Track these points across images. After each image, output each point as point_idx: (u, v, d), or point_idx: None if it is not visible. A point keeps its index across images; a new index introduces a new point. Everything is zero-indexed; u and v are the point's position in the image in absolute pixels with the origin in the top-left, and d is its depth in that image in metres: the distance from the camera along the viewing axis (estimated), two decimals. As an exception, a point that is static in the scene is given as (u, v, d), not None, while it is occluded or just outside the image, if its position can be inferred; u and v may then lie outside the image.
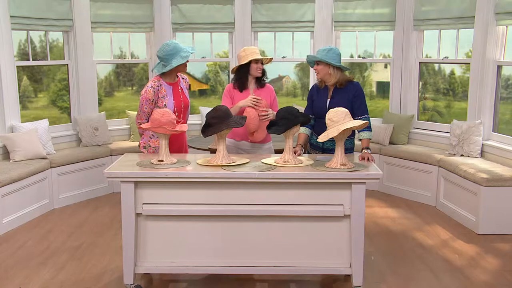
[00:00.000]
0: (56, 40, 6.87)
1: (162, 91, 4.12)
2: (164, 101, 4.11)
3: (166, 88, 4.15)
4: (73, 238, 4.97)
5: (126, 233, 3.59)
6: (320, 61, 4.03)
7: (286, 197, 3.56)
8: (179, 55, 4.06)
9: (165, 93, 4.13)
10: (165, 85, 4.16)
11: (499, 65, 5.74)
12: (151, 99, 4.10)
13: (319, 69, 4.07)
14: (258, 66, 4.28)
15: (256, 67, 4.27)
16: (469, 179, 5.22)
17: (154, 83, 4.12)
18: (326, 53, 4.01)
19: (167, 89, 4.15)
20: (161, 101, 4.12)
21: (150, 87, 4.10)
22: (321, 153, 4.17)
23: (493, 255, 4.56)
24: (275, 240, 3.65)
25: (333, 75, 4.05)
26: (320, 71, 4.07)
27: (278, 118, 3.72)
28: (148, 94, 4.09)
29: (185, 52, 4.09)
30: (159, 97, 4.11)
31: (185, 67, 4.23)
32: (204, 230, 3.65)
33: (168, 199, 3.58)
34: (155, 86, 4.11)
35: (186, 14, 7.18)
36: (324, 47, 4.09)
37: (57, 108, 7.70)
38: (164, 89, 4.13)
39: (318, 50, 4.09)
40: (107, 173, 3.53)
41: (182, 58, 4.06)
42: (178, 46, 4.07)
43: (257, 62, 4.26)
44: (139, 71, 7.98)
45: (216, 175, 3.49)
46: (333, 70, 4.03)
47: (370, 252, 4.58)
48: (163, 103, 4.11)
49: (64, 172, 5.99)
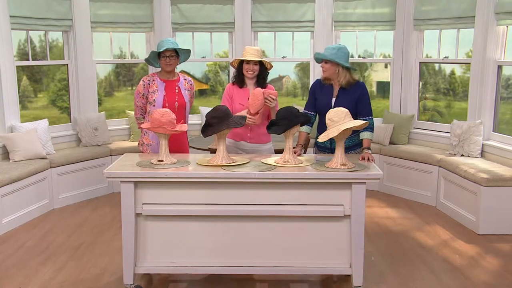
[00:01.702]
0: (56, 40, 6.87)
1: (153, 86, 4.26)
2: (154, 96, 4.25)
3: (158, 83, 4.27)
4: (72, 238, 4.97)
5: (126, 233, 3.59)
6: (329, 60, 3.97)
7: (286, 197, 3.56)
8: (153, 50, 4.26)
9: (156, 88, 4.23)
10: (158, 81, 4.28)
11: (500, 65, 5.75)
12: (141, 92, 4.28)
13: (327, 67, 4.00)
14: (249, 67, 4.18)
15: (247, 68, 4.19)
16: (469, 179, 5.23)
17: (146, 78, 4.30)
18: (336, 52, 3.94)
19: (159, 85, 4.26)
20: (151, 96, 4.27)
21: (142, 81, 4.29)
22: (331, 154, 4.11)
23: (493, 255, 4.56)
24: (275, 240, 3.65)
25: (341, 75, 4.00)
26: (328, 70, 4.00)
27: (278, 118, 3.72)
28: (139, 88, 4.29)
29: (160, 47, 4.19)
30: (149, 91, 4.26)
31: (165, 65, 4.26)
32: (204, 230, 3.65)
33: (168, 199, 3.59)
34: (146, 81, 4.28)
35: (186, 14, 7.18)
36: (333, 45, 4.01)
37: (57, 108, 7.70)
38: (156, 85, 4.26)
39: (327, 48, 4.00)
40: (107, 173, 3.54)
41: (153, 52, 4.22)
42: (161, 43, 4.21)
43: (248, 63, 4.17)
44: (139, 71, 7.98)
45: (216, 175, 3.50)
46: (341, 70, 3.99)
47: (370, 252, 4.58)
48: (153, 98, 4.26)
49: (63, 172, 5.99)
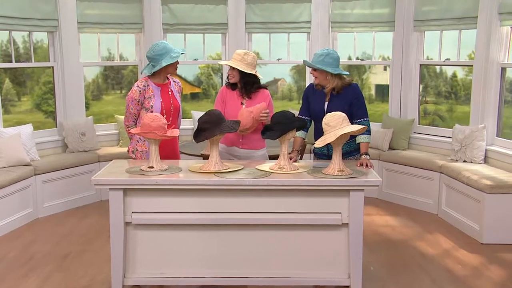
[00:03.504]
0: (41, 41, 6.88)
1: (149, 92, 4.19)
2: (150, 101, 4.18)
3: (153, 88, 4.21)
4: (58, 248, 4.96)
5: (115, 243, 3.60)
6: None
7: (282, 205, 3.58)
8: (169, 55, 4.14)
9: (152, 93, 4.19)
10: (153, 86, 4.22)
11: (503, 67, 5.78)
12: (137, 99, 4.18)
13: (316, 74, 4.06)
14: (230, 73, 4.20)
15: (229, 73, 4.22)
16: (472, 186, 5.25)
17: (141, 83, 4.22)
18: (323, 59, 3.98)
19: (154, 90, 4.21)
20: (147, 102, 4.18)
21: (136, 87, 4.20)
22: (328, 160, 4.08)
23: (497, 266, 4.58)
24: (270, 250, 3.66)
25: (331, 82, 4.04)
26: (318, 77, 4.06)
27: (273, 123, 3.74)
28: (134, 94, 4.18)
29: (175, 52, 4.16)
30: (146, 97, 4.18)
31: (175, 69, 4.28)
32: (196, 239, 3.66)
33: (159, 207, 3.59)
34: (141, 86, 4.20)
35: (177, 14, 7.21)
36: (321, 51, 4.05)
37: (42, 112, 7.70)
38: (151, 90, 4.20)
39: (315, 55, 4.05)
40: (94, 180, 3.54)
41: (172, 58, 4.13)
42: (168, 47, 4.16)
43: (232, 69, 4.18)
44: (128, 73, 8.00)
45: (208, 182, 3.51)
46: (330, 76, 4.03)
47: (369, 262, 4.59)
48: (150, 104, 4.18)
49: (49, 179, 5.98)
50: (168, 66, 4.18)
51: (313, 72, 4.07)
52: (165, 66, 4.16)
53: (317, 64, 3.99)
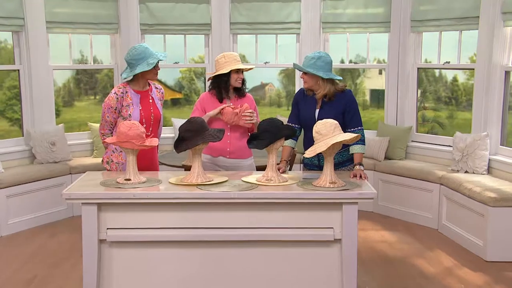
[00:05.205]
0: (4, 42, 6.85)
1: (127, 99, 4.18)
2: (129, 110, 4.17)
3: (132, 96, 4.20)
4: (24, 270, 4.91)
5: (87, 263, 3.58)
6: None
7: (270, 219, 3.59)
8: (146, 61, 4.12)
9: (130, 101, 4.18)
10: (132, 93, 4.21)
11: (507, 71, 5.82)
12: (114, 107, 4.17)
13: (306, 79, 4.11)
14: (239, 76, 4.31)
15: (237, 77, 4.31)
16: (475, 198, 5.28)
17: (119, 90, 4.20)
18: (314, 62, 4.02)
19: (133, 98, 4.20)
20: (125, 110, 4.18)
21: (113, 94, 4.19)
22: (319, 171, 4.13)
23: (503, 285, 4.60)
24: (258, 268, 3.67)
25: (322, 87, 4.09)
26: (307, 81, 4.11)
27: (260, 131, 3.76)
28: (111, 101, 4.18)
29: (153, 58, 4.14)
30: (123, 105, 4.17)
31: (155, 75, 4.27)
32: (177, 258, 3.66)
33: (136, 223, 3.59)
34: (118, 93, 4.18)
35: (156, 14, 7.23)
36: (312, 54, 4.10)
37: (6, 120, 7.64)
38: (130, 97, 4.18)
39: (306, 58, 4.10)
40: (66, 194, 3.53)
41: (148, 65, 4.11)
42: (147, 51, 4.13)
43: (238, 72, 4.30)
44: (102, 77, 7.98)
45: (190, 195, 3.52)
46: (322, 81, 4.07)
47: (364, 281, 4.62)
48: (128, 113, 4.17)
49: (14, 193, 5.95)
50: (147, 72, 4.18)
51: (303, 76, 4.11)
52: (143, 72, 4.16)
53: (308, 67, 4.03)
